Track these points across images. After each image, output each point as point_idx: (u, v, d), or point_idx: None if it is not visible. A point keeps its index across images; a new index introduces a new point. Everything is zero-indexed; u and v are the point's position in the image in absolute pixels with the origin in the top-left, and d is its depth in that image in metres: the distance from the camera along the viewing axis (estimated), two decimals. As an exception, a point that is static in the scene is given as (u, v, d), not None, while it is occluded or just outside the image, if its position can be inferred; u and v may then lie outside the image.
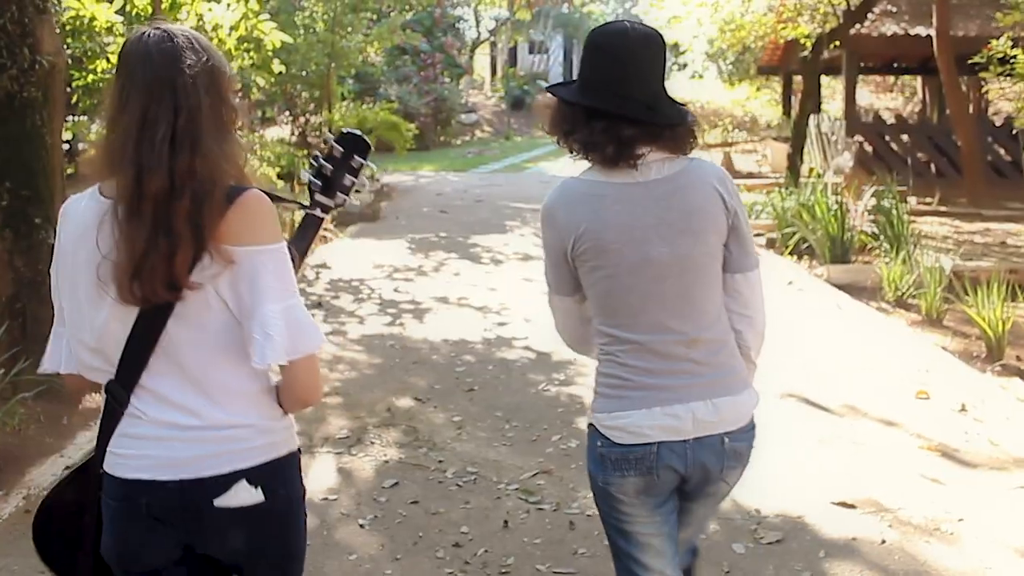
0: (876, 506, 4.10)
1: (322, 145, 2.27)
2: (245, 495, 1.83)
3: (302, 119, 17.37)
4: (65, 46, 11.01)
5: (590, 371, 2.79)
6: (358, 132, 2.25)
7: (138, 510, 1.84)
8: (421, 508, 4.11)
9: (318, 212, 2.22)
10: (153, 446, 1.81)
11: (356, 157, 2.23)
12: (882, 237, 9.22)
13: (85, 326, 1.83)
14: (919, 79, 24.58)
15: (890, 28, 16.09)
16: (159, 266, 1.68)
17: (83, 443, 4.86)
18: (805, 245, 9.78)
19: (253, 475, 1.83)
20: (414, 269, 9.45)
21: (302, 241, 2.18)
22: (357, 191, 2.26)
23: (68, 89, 12.89)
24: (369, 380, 5.87)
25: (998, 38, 15.77)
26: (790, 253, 9.88)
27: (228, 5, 11.73)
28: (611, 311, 2.20)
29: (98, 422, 1.89)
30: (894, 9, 16.98)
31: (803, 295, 8.21)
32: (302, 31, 16.77)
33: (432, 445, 4.79)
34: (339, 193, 2.22)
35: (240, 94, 14.20)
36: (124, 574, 1.93)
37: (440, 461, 4.60)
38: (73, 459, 4.65)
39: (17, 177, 5.37)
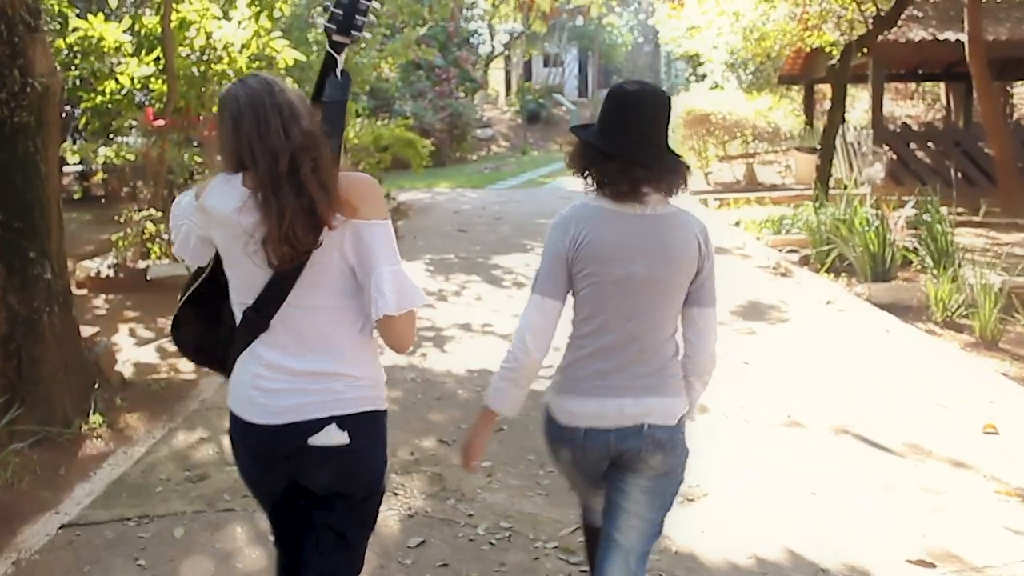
0: (958, 564, 3.69)
1: None
2: (335, 437, 2.27)
3: (316, 137, 17.02)
4: (73, 67, 10.82)
5: None
6: None
7: (252, 449, 2.36)
8: (451, 572, 3.71)
9: (336, 53, 2.46)
10: (267, 396, 2.27)
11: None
12: (923, 252, 8.79)
13: (246, 294, 2.29)
14: (942, 85, 24.12)
15: (917, 34, 15.64)
16: (303, 223, 2.12)
17: (81, 497, 4.49)
18: (845, 263, 9.32)
19: (343, 422, 2.27)
20: (434, 293, 9.05)
21: (338, 118, 2.42)
22: (368, 26, 2.48)
23: (75, 110, 12.65)
24: (391, 419, 5.41)
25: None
26: (826, 271, 9.43)
27: (239, 23, 11.43)
28: (590, 314, 2.63)
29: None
30: (920, 14, 16.54)
31: (845, 316, 7.77)
32: (316, 48, 16.47)
33: (461, 495, 4.39)
34: (353, 31, 2.46)
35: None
36: (254, 496, 2.53)
37: (470, 515, 4.20)
38: (70, 515, 4.28)
39: (9, 208, 5.02)
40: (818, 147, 14.01)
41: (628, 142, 2.54)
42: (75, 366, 5.45)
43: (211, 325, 2.43)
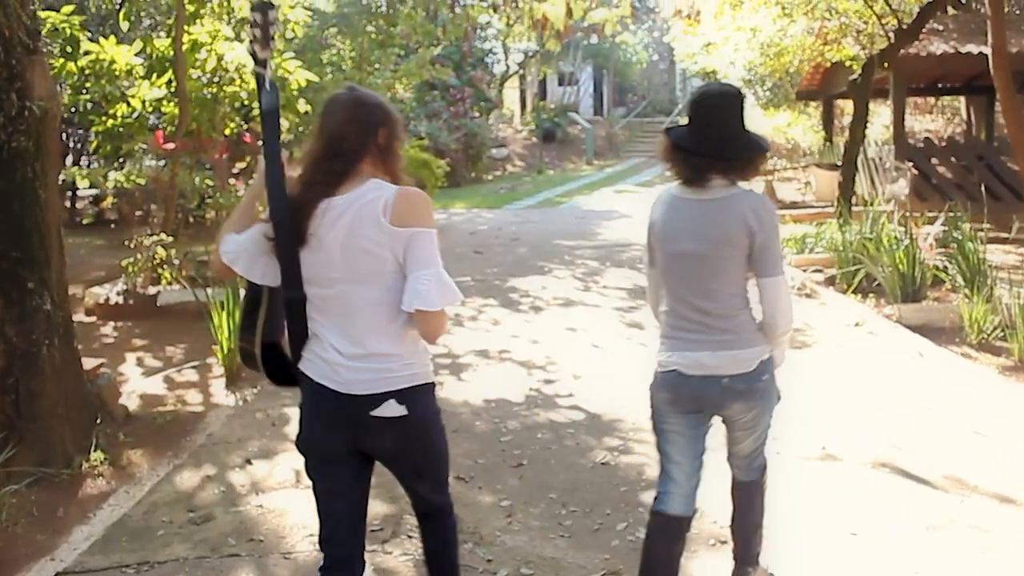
0: (1016, 614, 3.41)
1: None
2: (393, 409, 2.61)
3: (330, 159, 16.88)
4: (85, 90, 10.69)
5: (646, 434, 4.22)
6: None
7: (319, 412, 2.71)
8: (468, 625, 3.47)
9: (263, 68, 2.77)
10: (335, 371, 2.64)
11: (269, 14, 2.73)
12: (954, 271, 8.51)
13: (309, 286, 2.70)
14: (962, 99, 23.83)
15: (939, 47, 15.38)
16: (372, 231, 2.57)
17: (78, 541, 4.27)
18: (873, 283, 9.05)
19: (399, 396, 2.61)
20: (450, 317, 8.75)
21: (274, 127, 2.76)
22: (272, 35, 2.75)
23: (88, 134, 12.53)
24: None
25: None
26: (853, 291, 9.16)
27: (251, 44, 11.27)
28: (665, 282, 3.19)
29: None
30: (940, 28, 16.29)
31: (875, 339, 7.50)
32: (330, 70, 16.35)
33: (479, 538, 4.13)
34: (270, 43, 2.75)
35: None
36: (310, 457, 2.79)
37: (489, 560, 3.94)
38: (66, 562, 4.05)
39: (7, 236, 4.82)
40: (838, 164, 13.75)
41: (692, 135, 3.07)
42: (76, 400, 5.24)
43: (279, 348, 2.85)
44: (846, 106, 21.57)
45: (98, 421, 5.44)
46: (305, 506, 4.49)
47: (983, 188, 13.92)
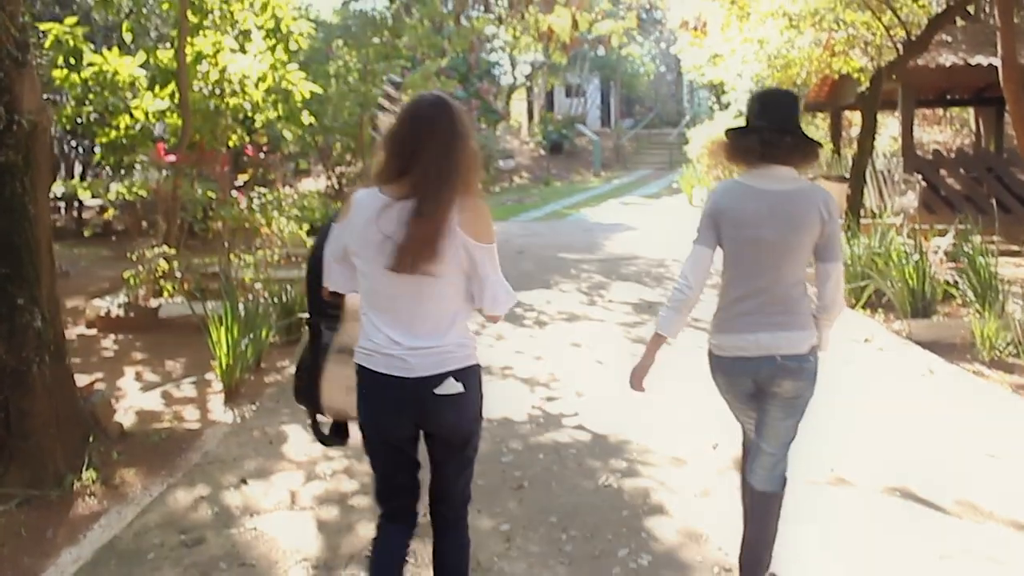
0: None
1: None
2: (453, 387, 2.91)
3: (337, 170, 16.77)
4: (87, 102, 10.62)
5: (652, 456, 4.90)
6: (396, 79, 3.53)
7: (384, 398, 2.95)
8: (465, 658, 3.34)
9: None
10: (400, 360, 2.89)
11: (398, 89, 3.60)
12: (965, 286, 8.37)
13: (374, 286, 2.92)
14: (970, 111, 23.68)
15: (948, 59, 15.25)
16: (427, 252, 2.79)
17: (66, 564, 4.15)
18: (882, 298, 8.92)
19: (456, 375, 2.92)
20: (452, 332, 8.72)
21: None
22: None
23: (93, 145, 12.46)
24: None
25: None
26: (862, 306, 9.02)
27: (255, 56, 11.22)
28: (732, 266, 3.46)
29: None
30: (949, 39, 16.17)
31: (885, 356, 7.36)
32: (335, 81, 16.28)
33: (476, 564, 4.00)
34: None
35: (267, 147, 13.68)
36: (374, 439, 3.09)
37: (486, 588, 3.83)
38: (53, 587, 3.94)
39: (-4, 253, 4.72)
40: (846, 176, 13.61)
41: (762, 117, 3.41)
42: (68, 418, 5.13)
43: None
44: (854, 118, 21.47)
45: (91, 439, 5.34)
46: (299, 530, 4.39)
47: (993, 200, 13.80)
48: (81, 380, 5.80)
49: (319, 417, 3.45)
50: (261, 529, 4.43)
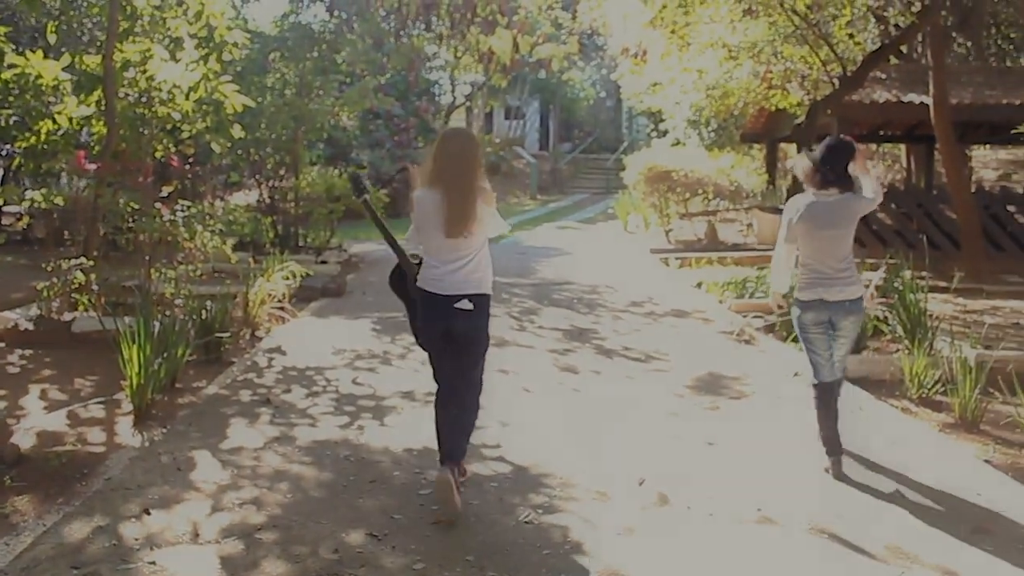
0: None
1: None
2: (468, 304, 4.75)
3: (269, 184, 16.43)
4: (7, 104, 10.21)
5: (575, 490, 5.15)
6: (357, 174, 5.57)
7: (430, 308, 4.82)
8: None
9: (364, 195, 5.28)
10: (442, 283, 4.76)
11: (360, 180, 5.48)
12: (895, 322, 8.37)
13: (432, 244, 4.81)
14: (903, 147, 24.11)
15: (882, 95, 15.50)
16: (471, 215, 4.70)
17: None
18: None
19: (473, 298, 4.76)
20: (378, 356, 8.49)
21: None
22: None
23: (14, 150, 12.00)
24: (315, 506, 4.87)
25: (994, 106, 15.28)
26: (792, 339, 8.98)
27: (187, 65, 10.91)
28: (808, 252, 5.42)
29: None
30: (883, 76, 16.45)
31: (814, 391, 7.28)
32: (271, 94, 15.97)
33: (386, 607, 3.80)
34: (364, 194, 5.31)
35: (194, 159, 13.31)
36: (427, 335, 4.96)
37: (394, 634, 3.61)
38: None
39: None
40: (780, 207, 13.65)
41: (821, 167, 5.38)
42: (-42, 441, 4.82)
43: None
44: (789, 150, 21.69)
45: (-17, 463, 5.01)
46: (200, 566, 4.13)
47: (923, 236, 13.98)
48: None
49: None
50: (161, 564, 4.16)
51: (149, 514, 4.72)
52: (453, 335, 4.80)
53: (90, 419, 6.44)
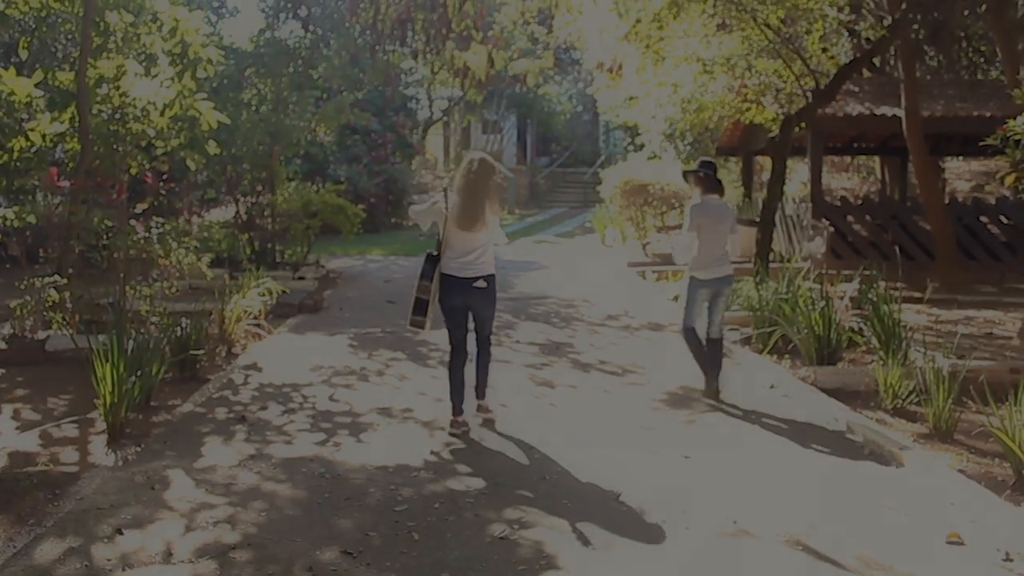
0: None
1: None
2: (483, 283, 6.61)
3: (246, 200, 16.38)
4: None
5: (551, 504, 5.08)
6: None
7: (453, 288, 6.61)
8: None
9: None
10: (464, 269, 6.57)
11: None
12: (869, 333, 8.42)
13: (454, 241, 6.63)
14: (877, 159, 24.29)
15: (855, 108, 15.63)
16: (481, 217, 6.59)
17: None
18: (789, 344, 8.95)
19: (485, 278, 6.63)
20: (355, 372, 8.46)
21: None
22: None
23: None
24: (290, 524, 4.84)
25: (966, 118, 15.43)
26: (769, 351, 9.04)
27: (162, 82, 10.88)
28: (702, 244, 7.50)
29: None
30: (856, 89, 16.58)
31: (790, 403, 7.33)
32: (246, 110, 15.92)
33: (360, 625, 3.78)
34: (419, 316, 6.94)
35: (168, 175, 13.24)
36: (449, 310, 6.68)
37: (368, 652, 3.59)
38: None
39: None
40: (756, 220, 13.75)
41: (713, 176, 7.64)
42: (-72, 462, 4.78)
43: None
44: (765, 162, 21.81)
45: (-47, 484, 4.96)
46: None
47: (897, 247, 14.08)
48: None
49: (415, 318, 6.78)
50: (133, 585, 4.13)
51: (122, 534, 4.68)
52: (470, 305, 6.62)
53: (63, 438, 6.40)
